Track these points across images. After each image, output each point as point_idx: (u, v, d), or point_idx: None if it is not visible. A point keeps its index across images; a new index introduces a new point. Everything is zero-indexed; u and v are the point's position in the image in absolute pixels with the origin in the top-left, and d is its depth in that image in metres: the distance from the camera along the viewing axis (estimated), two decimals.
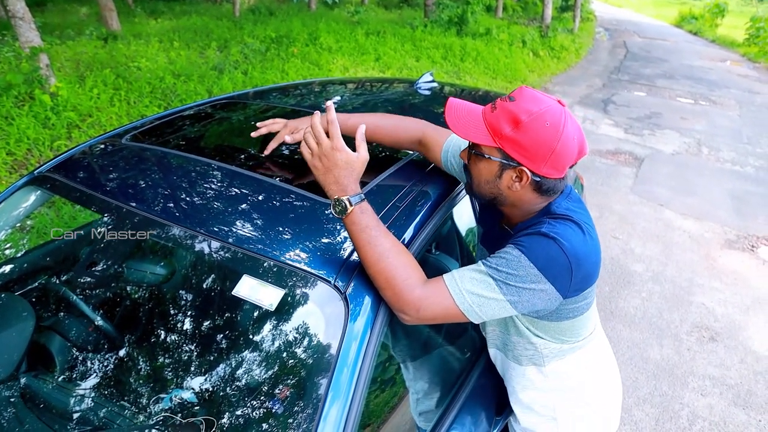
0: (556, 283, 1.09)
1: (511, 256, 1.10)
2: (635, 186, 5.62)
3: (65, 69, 6.66)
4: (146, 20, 11.45)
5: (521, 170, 1.12)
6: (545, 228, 1.12)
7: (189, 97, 6.21)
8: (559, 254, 1.08)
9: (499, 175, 1.16)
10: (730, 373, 3.10)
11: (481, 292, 1.10)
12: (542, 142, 1.08)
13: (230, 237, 1.28)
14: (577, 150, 1.13)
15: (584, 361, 1.39)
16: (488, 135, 1.12)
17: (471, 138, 1.14)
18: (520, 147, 1.10)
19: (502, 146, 1.11)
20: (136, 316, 1.67)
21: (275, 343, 1.34)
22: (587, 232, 1.14)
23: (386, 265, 1.11)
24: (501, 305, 1.10)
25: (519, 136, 1.09)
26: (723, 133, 7.69)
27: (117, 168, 1.63)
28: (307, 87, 2.68)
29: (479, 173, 1.20)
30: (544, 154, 1.09)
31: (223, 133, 1.93)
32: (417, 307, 1.11)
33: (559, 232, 1.11)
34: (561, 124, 1.08)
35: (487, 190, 1.20)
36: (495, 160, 1.14)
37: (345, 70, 8.52)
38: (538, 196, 1.18)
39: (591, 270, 1.15)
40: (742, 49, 16.10)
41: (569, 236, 1.11)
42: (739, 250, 4.50)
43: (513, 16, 17.00)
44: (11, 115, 4.92)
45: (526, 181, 1.13)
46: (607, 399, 1.48)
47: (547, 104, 1.10)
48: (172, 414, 1.33)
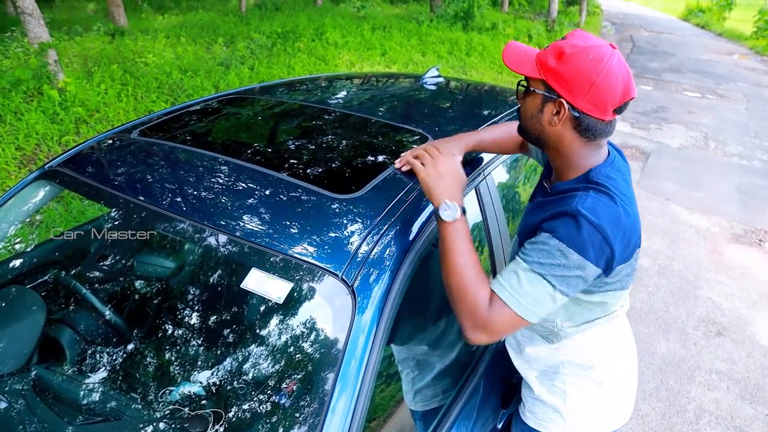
0: (598, 262, 1.09)
1: (550, 246, 1.09)
2: (642, 180, 5.60)
3: (73, 64, 6.70)
4: (153, 16, 11.49)
5: (560, 102, 1.12)
6: (577, 204, 1.10)
7: (196, 93, 6.23)
8: (593, 232, 1.07)
9: (541, 109, 1.16)
10: (737, 368, 3.09)
11: (532, 290, 1.10)
12: (582, 73, 1.08)
13: (238, 231, 1.29)
14: (621, 90, 1.10)
15: (600, 338, 1.37)
16: (534, 68, 1.15)
17: (517, 68, 1.16)
18: (561, 78, 1.11)
19: (545, 77, 1.13)
20: (146, 310, 1.69)
21: (283, 337, 1.35)
22: (621, 203, 1.13)
23: (467, 275, 1.14)
24: (553, 297, 1.11)
25: (561, 66, 1.10)
26: (730, 127, 7.64)
27: (126, 163, 1.65)
28: (314, 82, 2.69)
29: (526, 108, 1.21)
30: (583, 86, 1.09)
31: (231, 128, 1.95)
32: (485, 324, 1.12)
33: (588, 206, 1.09)
34: (605, 59, 1.08)
35: (531, 126, 1.21)
36: (538, 93, 1.16)
37: (351, 65, 8.52)
38: (579, 139, 1.17)
39: (629, 243, 1.15)
40: (749, 42, 15.96)
41: (600, 210, 1.10)
42: (746, 244, 4.48)
43: (519, 11, 16.91)
44: (20, 111, 4.95)
45: (563, 114, 1.13)
46: (621, 383, 1.45)
47: (596, 42, 1.11)
48: (180, 406, 1.35)
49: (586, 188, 1.15)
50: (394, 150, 1.68)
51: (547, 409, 1.45)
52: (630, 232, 1.14)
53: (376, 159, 1.62)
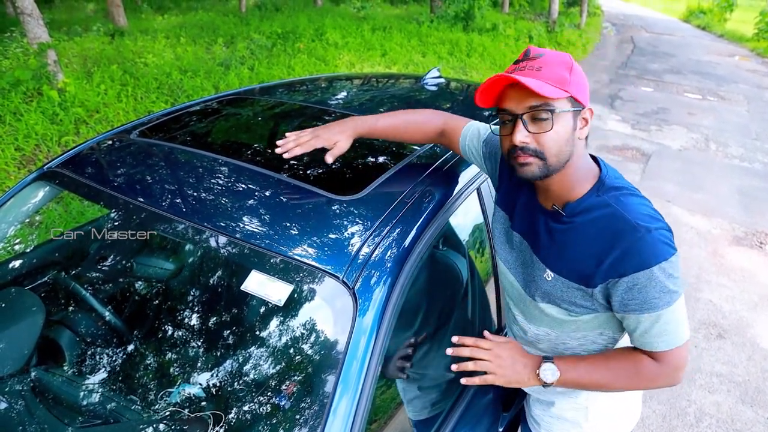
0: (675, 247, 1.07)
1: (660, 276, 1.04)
2: (642, 182, 5.59)
3: (73, 65, 6.69)
4: (153, 16, 11.49)
5: (586, 111, 1.11)
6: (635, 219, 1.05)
7: (196, 93, 6.23)
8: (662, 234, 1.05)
9: (574, 127, 1.09)
10: (738, 371, 3.09)
11: (681, 313, 1.10)
12: (584, 77, 1.10)
13: (239, 232, 1.29)
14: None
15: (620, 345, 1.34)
16: (557, 88, 1.05)
17: (553, 94, 1.03)
18: (582, 87, 1.09)
19: (570, 92, 1.06)
20: (145, 311, 1.68)
21: (284, 339, 1.34)
22: (641, 195, 1.14)
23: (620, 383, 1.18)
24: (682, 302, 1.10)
25: (576, 77, 1.08)
26: (731, 129, 7.64)
27: (126, 164, 1.64)
28: (314, 83, 2.69)
29: (559, 136, 1.07)
30: (587, 90, 1.11)
31: (231, 128, 1.94)
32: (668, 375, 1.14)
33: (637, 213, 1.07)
34: None
35: (567, 152, 1.09)
36: (568, 111, 1.07)
37: (351, 66, 8.51)
38: (584, 145, 1.14)
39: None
40: (751, 44, 15.95)
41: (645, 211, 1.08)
42: (747, 246, 4.47)
43: (520, 12, 16.92)
44: (20, 111, 4.95)
45: (588, 122, 1.12)
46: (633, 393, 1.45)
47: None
48: (180, 408, 1.34)
49: (615, 197, 1.10)
50: (395, 151, 1.68)
51: (567, 425, 1.42)
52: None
53: (377, 160, 1.62)
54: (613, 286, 1.08)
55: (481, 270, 1.86)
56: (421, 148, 1.67)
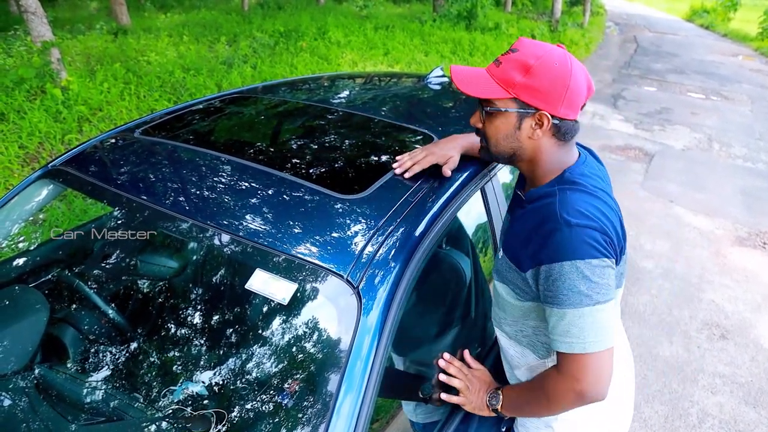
0: (608, 253, 1.07)
1: (566, 273, 1.06)
2: (645, 182, 5.59)
3: (76, 63, 6.70)
4: (156, 14, 11.50)
5: (541, 115, 1.12)
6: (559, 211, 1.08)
7: (198, 91, 6.23)
8: (591, 232, 1.06)
9: (519, 126, 1.15)
10: (741, 371, 3.08)
11: (592, 322, 1.06)
12: (556, 81, 1.09)
13: (243, 231, 1.29)
14: (586, 87, 1.14)
15: None
16: (500, 88, 1.12)
17: (485, 94, 1.13)
18: (536, 91, 1.10)
19: (517, 94, 1.11)
20: (149, 309, 1.69)
21: (288, 337, 1.34)
22: (601, 197, 1.13)
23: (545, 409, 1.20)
24: (610, 307, 1.08)
25: (532, 80, 1.09)
26: (734, 129, 7.62)
27: (130, 162, 1.64)
28: (317, 81, 2.68)
29: (496, 130, 1.17)
30: (559, 94, 1.10)
31: (235, 127, 1.94)
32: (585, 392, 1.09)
33: (571, 209, 1.08)
34: (568, 62, 1.11)
35: (506, 146, 1.19)
36: (512, 111, 1.14)
37: (354, 65, 8.51)
38: (557, 144, 1.17)
39: (615, 227, 1.12)
40: (755, 43, 15.92)
41: (583, 207, 1.08)
42: (750, 247, 4.46)
43: (522, 11, 16.91)
44: (23, 109, 4.96)
45: (547, 125, 1.13)
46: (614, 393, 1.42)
47: (549, 47, 1.12)
48: (183, 406, 1.34)
49: (561, 190, 1.14)
50: (399, 150, 1.68)
51: (539, 423, 1.41)
52: (616, 223, 1.13)
53: (381, 159, 1.61)
54: (538, 274, 1.12)
55: (484, 269, 1.86)
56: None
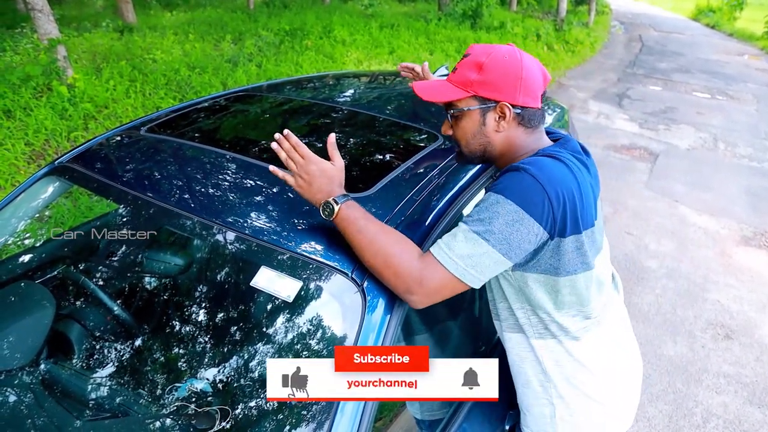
0: (536, 215, 1.07)
1: (488, 202, 1.10)
2: (650, 181, 5.57)
3: (82, 61, 6.73)
4: (161, 12, 11.53)
5: (502, 106, 1.18)
6: (521, 162, 1.13)
7: (204, 90, 6.25)
8: (532, 183, 1.08)
9: (483, 122, 1.21)
10: (746, 371, 3.07)
11: (469, 251, 1.08)
12: (508, 72, 1.16)
13: (248, 228, 1.29)
14: (541, 76, 1.21)
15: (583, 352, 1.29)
16: (458, 90, 1.20)
17: (445, 97, 1.21)
18: (491, 84, 1.17)
19: (475, 91, 1.18)
20: (154, 306, 1.69)
21: (292, 335, 1.35)
22: (565, 167, 1.14)
23: (380, 247, 1.12)
24: (493, 258, 1.08)
25: (485, 75, 1.17)
26: (740, 129, 7.59)
27: (136, 159, 1.65)
28: (322, 80, 2.69)
29: (464, 131, 1.23)
30: (513, 83, 1.16)
31: (241, 125, 1.95)
32: (419, 282, 1.09)
33: (531, 161, 1.13)
34: (517, 54, 1.19)
35: (477, 144, 1.24)
36: (474, 109, 1.20)
37: (359, 63, 8.52)
38: (525, 132, 1.22)
39: (574, 204, 1.11)
40: (761, 42, 15.83)
41: (542, 165, 1.11)
42: (755, 247, 4.45)
43: (527, 10, 16.86)
44: (29, 106, 4.98)
45: (509, 115, 1.18)
46: (615, 395, 1.39)
47: (498, 46, 1.20)
48: (187, 403, 1.35)
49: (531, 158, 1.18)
50: (404, 148, 1.68)
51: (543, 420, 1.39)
52: (579, 198, 1.12)
53: (386, 158, 1.62)
54: None
55: None
56: (430, 146, 1.67)
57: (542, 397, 1.37)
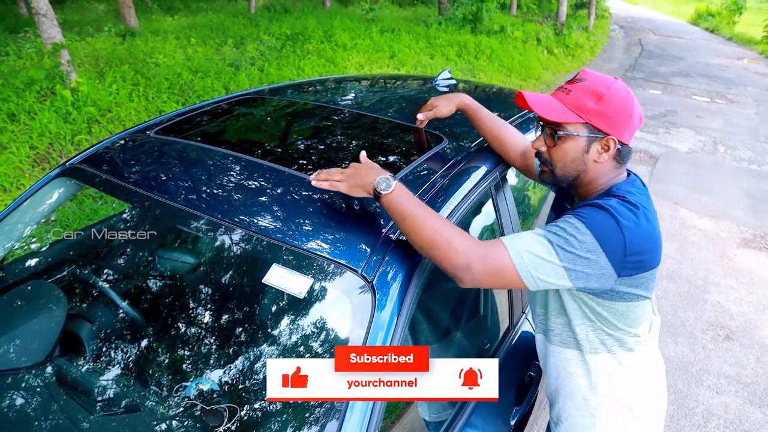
0: (610, 255, 1.11)
1: (569, 224, 1.13)
2: (650, 184, 5.60)
3: (85, 65, 6.76)
4: (163, 17, 11.56)
5: (608, 139, 1.20)
6: (606, 201, 1.17)
7: (206, 93, 6.27)
8: (614, 226, 1.12)
9: (587, 150, 1.22)
10: (746, 372, 3.10)
11: (538, 252, 1.12)
12: (624, 109, 1.20)
13: (259, 227, 1.32)
14: (640, 115, 1.25)
15: (634, 363, 1.33)
16: (573, 114, 1.20)
17: (559, 117, 1.21)
18: (607, 117, 1.19)
19: (589, 120, 1.19)
20: (165, 305, 1.72)
21: (303, 332, 1.37)
22: (642, 215, 1.17)
23: (443, 223, 1.16)
24: (556, 270, 1.12)
25: (604, 107, 1.19)
26: (740, 132, 7.62)
27: (147, 160, 1.67)
28: (323, 84, 2.71)
29: (565, 154, 1.24)
30: (625, 121, 1.20)
31: (249, 127, 1.97)
32: (481, 259, 1.12)
33: (613, 205, 1.15)
34: (630, 92, 1.22)
35: (573, 169, 1.25)
36: (582, 136, 1.21)
37: (360, 67, 8.55)
38: (615, 167, 1.26)
39: (646, 251, 1.16)
40: (760, 46, 15.89)
41: (623, 212, 1.14)
42: (755, 249, 4.47)
43: (527, 14, 16.92)
44: (34, 110, 5.01)
45: (613, 148, 1.21)
46: (652, 409, 1.41)
47: (613, 79, 1.23)
48: (197, 401, 1.37)
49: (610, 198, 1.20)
50: (410, 150, 1.71)
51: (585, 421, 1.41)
52: (648, 239, 1.16)
53: (394, 157, 1.64)
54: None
55: None
56: (438, 146, 1.69)
57: (584, 409, 1.39)
